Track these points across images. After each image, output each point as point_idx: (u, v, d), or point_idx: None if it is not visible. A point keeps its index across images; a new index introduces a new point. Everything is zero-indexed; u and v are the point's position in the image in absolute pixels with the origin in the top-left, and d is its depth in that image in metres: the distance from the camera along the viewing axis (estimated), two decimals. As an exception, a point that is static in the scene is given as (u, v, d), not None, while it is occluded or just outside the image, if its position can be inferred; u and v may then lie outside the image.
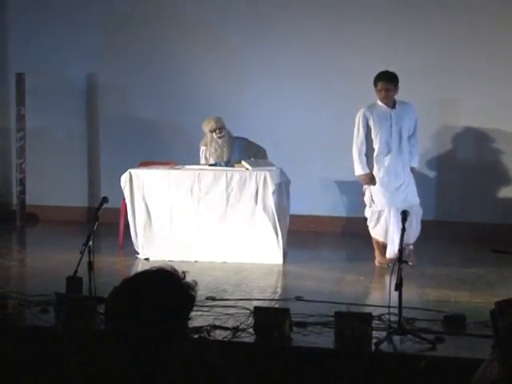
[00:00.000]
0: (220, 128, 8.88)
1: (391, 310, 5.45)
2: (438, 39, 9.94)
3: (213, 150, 8.90)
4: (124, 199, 8.61)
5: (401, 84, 8.47)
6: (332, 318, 5.48)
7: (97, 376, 2.75)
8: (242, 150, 9.00)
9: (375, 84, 8.16)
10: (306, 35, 10.26)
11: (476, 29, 9.87)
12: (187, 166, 8.77)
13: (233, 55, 10.50)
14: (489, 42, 9.84)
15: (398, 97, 8.26)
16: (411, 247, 8.08)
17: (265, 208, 8.21)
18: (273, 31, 10.35)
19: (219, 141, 8.88)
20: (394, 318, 5.45)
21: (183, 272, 2.77)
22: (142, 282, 2.75)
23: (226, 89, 10.41)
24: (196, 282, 2.78)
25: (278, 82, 10.33)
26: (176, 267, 2.84)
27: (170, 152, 10.39)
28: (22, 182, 10.75)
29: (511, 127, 9.90)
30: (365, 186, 8.24)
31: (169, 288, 2.72)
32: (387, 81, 8.13)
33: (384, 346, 5.17)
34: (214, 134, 8.88)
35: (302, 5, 10.29)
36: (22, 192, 10.76)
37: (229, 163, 8.73)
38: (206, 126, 8.95)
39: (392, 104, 8.20)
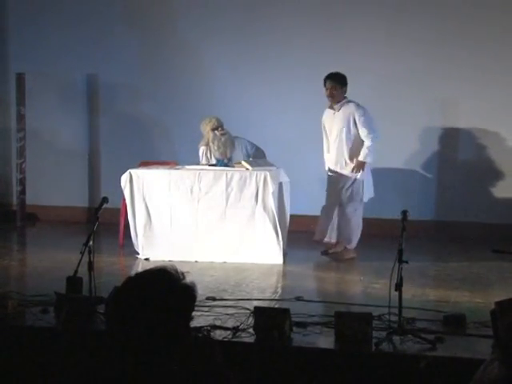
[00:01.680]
0: (222, 125, 8.93)
1: (391, 310, 5.45)
2: (439, 40, 9.94)
3: (216, 148, 8.89)
4: (124, 199, 8.61)
5: (401, 85, 8.51)
6: (332, 318, 5.48)
7: (97, 376, 2.75)
8: (241, 150, 9.01)
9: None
10: (305, 39, 10.26)
11: (477, 30, 9.87)
12: (187, 166, 8.78)
13: (233, 57, 10.50)
14: (490, 43, 9.84)
15: (399, 96, 8.30)
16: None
17: (265, 208, 8.21)
18: (272, 35, 10.35)
19: (222, 138, 8.89)
20: (394, 318, 5.45)
21: (183, 273, 2.77)
22: (143, 282, 2.75)
23: (227, 89, 10.41)
24: (194, 284, 2.78)
25: (278, 83, 10.33)
26: (177, 267, 2.84)
27: (170, 152, 10.39)
28: (22, 182, 10.75)
29: (511, 128, 9.91)
30: None
31: (169, 288, 2.72)
32: (334, 80, 8.61)
33: (384, 346, 5.17)
34: (216, 131, 8.90)
35: (301, 12, 10.29)
36: (22, 192, 10.76)
37: (230, 160, 8.74)
38: (207, 125, 8.96)
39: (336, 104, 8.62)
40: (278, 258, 8.20)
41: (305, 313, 5.88)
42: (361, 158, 8.49)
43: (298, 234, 9.26)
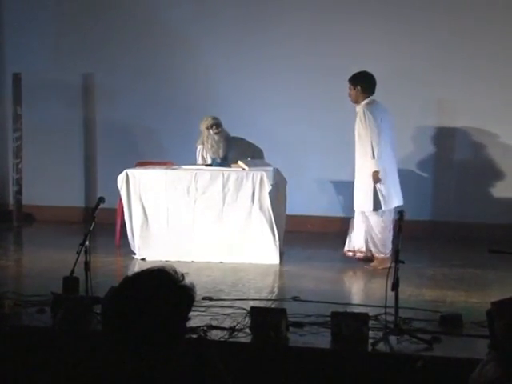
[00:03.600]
0: (217, 124, 8.94)
1: (388, 310, 5.45)
2: (435, 40, 9.94)
3: (209, 146, 8.92)
4: (121, 199, 8.60)
5: (398, 84, 8.47)
6: (329, 318, 5.49)
7: (95, 376, 2.75)
8: (239, 150, 9.02)
9: None
10: (305, 37, 10.26)
11: (474, 30, 9.87)
12: (184, 166, 8.77)
13: (230, 56, 10.50)
14: (487, 43, 9.84)
15: (395, 96, 8.27)
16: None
17: (261, 208, 8.21)
18: (271, 33, 10.34)
19: (216, 137, 8.91)
20: (390, 318, 5.45)
21: (182, 274, 2.77)
22: (141, 282, 2.75)
23: (224, 89, 10.41)
24: (193, 285, 2.78)
25: (276, 83, 10.33)
26: (176, 268, 2.84)
27: (167, 152, 10.39)
28: (18, 182, 10.74)
29: (507, 127, 9.91)
30: None
31: (167, 288, 2.72)
32: (348, 80, 8.28)
33: (381, 346, 5.18)
34: (210, 130, 8.92)
35: (299, 11, 10.28)
36: (19, 192, 10.75)
37: (225, 160, 8.75)
38: (203, 124, 8.99)
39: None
40: (274, 258, 8.20)
41: (301, 313, 5.89)
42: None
43: (294, 234, 9.27)
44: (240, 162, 8.53)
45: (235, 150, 9.01)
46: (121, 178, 8.44)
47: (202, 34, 10.53)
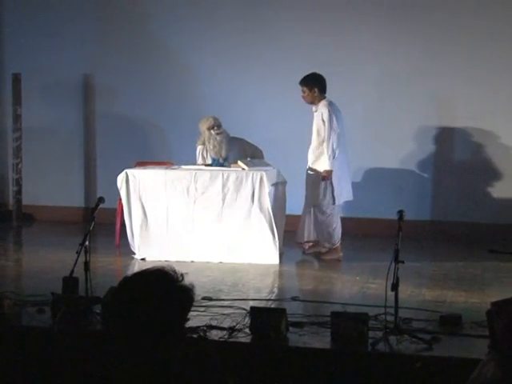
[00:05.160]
0: (218, 125, 8.95)
1: (387, 310, 5.45)
2: (436, 40, 9.94)
3: (211, 147, 8.91)
4: (120, 199, 8.60)
5: (397, 84, 8.42)
6: (328, 318, 5.49)
7: (95, 376, 2.75)
8: (239, 150, 9.02)
9: None
10: (303, 35, 10.26)
11: (475, 30, 9.86)
12: (183, 166, 8.77)
13: (229, 56, 10.50)
14: (486, 43, 9.84)
15: (396, 96, 8.28)
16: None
17: (261, 208, 8.21)
18: (268, 31, 10.35)
19: (217, 137, 8.90)
20: (390, 318, 5.44)
21: (182, 274, 2.77)
22: (141, 282, 2.75)
23: (223, 89, 10.41)
24: (193, 285, 2.78)
25: (275, 82, 10.32)
26: (175, 268, 2.84)
27: (167, 152, 10.38)
28: (18, 182, 10.74)
29: (508, 127, 9.91)
30: None
31: (166, 288, 2.72)
32: (300, 83, 8.70)
33: (380, 346, 5.18)
34: (212, 130, 8.92)
35: (298, 10, 10.28)
36: (19, 192, 10.75)
37: (226, 160, 8.75)
38: (204, 124, 8.98)
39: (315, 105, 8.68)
40: (274, 258, 8.20)
41: (301, 313, 5.90)
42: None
43: (294, 234, 9.26)
44: (240, 162, 8.54)
45: (235, 150, 9.01)
46: (120, 178, 8.44)
47: (200, 33, 10.52)
